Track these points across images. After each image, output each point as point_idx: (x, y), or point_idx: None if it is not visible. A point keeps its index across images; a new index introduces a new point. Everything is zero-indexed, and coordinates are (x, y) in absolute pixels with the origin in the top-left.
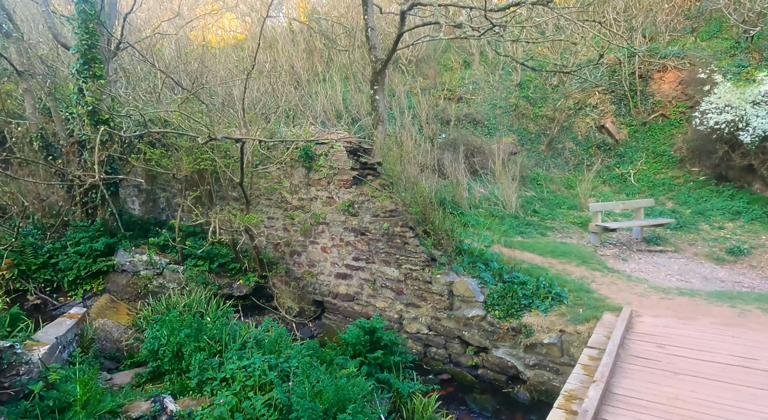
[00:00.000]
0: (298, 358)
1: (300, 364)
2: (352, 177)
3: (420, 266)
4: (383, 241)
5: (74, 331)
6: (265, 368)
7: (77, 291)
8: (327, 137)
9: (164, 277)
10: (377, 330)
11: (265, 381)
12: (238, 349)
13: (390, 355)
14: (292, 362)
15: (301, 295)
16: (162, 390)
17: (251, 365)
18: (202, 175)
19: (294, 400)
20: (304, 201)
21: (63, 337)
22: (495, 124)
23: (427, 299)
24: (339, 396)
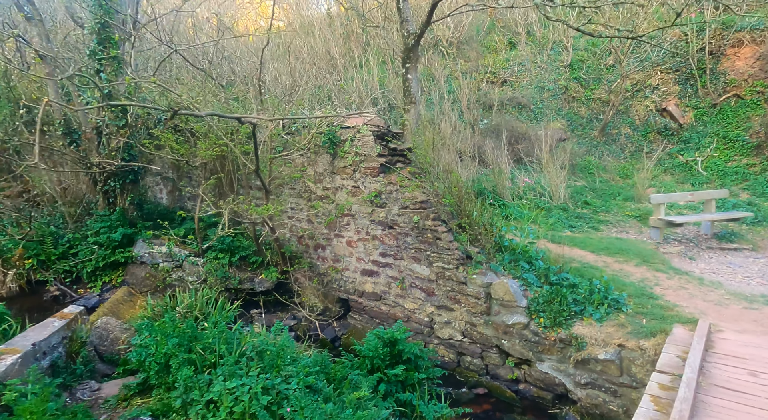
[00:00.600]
0: (299, 377)
1: (299, 389)
2: (379, 164)
3: (453, 265)
4: (413, 235)
5: (62, 333)
6: (257, 391)
7: (96, 282)
8: (352, 121)
9: (184, 270)
10: (399, 341)
11: (256, 408)
12: (234, 363)
13: (414, 371)
14: (291, 383)
15: (325, 292)
16: (148, 407)
17: (240, 388)
18: (222, 162)
19: None
20: (329, 190)
21: (44, 342)
22: (542, 108)
23: (462, 302)
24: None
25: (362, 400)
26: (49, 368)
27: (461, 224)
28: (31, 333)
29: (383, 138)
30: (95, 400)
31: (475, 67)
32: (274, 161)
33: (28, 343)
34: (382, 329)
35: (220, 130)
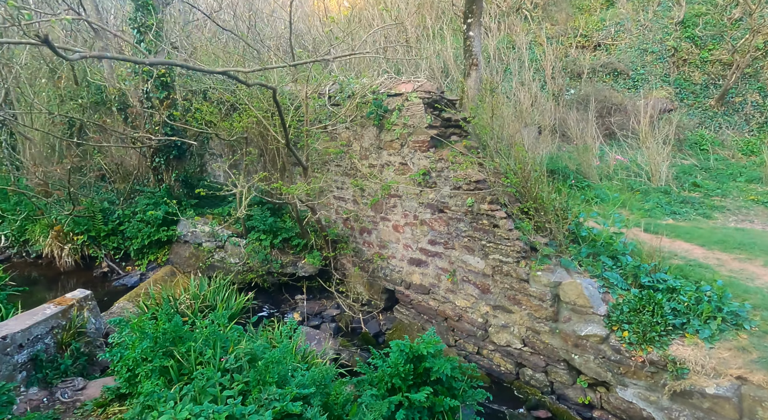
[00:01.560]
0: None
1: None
2: (429, 137)
3: (513, 258)
4: (466, 221)
5: (51, 322)
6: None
7: (143, 260)
8: (401, 87)
9: (226, 251)
10: (425, 358)
11: None
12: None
13: (445, 397)
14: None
15: (371, 281)
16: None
17: (202, 414)
18: (264, 137)
19: None
20: (375, 168)
21: (21, 334)
22: (643, 74)
23: (522, 303)
24: None
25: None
26: (27, 363)
27: (526, 209)
28: (12, 322)
29: (435, 106)
30: (73, 403)
31: (563, 30)
32: (314, 135)
33: (0, 333)
34: (401, 342)
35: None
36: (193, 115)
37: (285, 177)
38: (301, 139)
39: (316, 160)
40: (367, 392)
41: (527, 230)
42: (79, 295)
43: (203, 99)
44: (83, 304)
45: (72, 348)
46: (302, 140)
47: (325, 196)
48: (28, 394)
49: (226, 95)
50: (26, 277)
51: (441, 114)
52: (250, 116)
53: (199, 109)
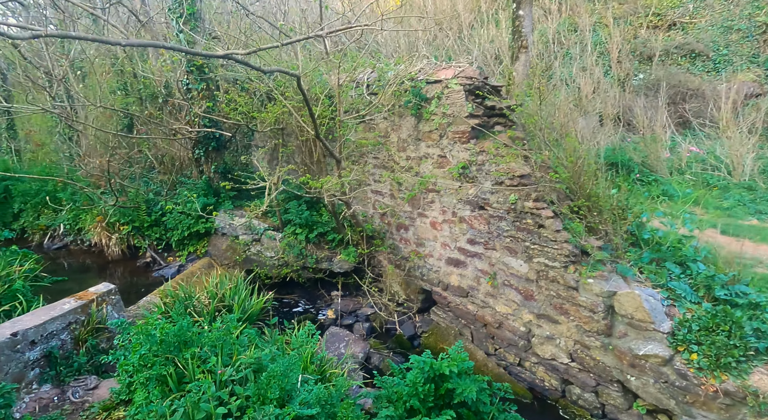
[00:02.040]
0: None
1: None
2: (470, 128)
3: (561, 262)
4: (508, 220)
5: (69, 318)
6: None
7: (183, 252)
8: (440, 74)
9: (262, 244)
10: (448, 377)
11: None
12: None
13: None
14: None
15: (408, 280)
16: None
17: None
18: (300, 128)
19: None
20: (412, 160)
21: (34, 330)
22: (726, 55)
23: (570, 313)
24: None
25: None
26: (40, 360)
27: (576, 207)
28: (28, 317)
29: (477, 94)
30: (82, 404)
31: (632, 9)
32: (347, 126)
33: (11, 330)
34: (423, 357)
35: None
36: (230, 106)
37: (321, 169)
38: (336, 130)
39: (354, 152)
40: (382, 412)
41: (578, 232)
42: (102, 289)
43: (241, 90)
44: (105, 298)
45: (87, 345)
46: (337, 131)
47: (362, 189)
48: (40, 392)
49: (260, 85)
50: (81, 264)
51: (484, 102)
52: (281, 107)
53: (234, 100)
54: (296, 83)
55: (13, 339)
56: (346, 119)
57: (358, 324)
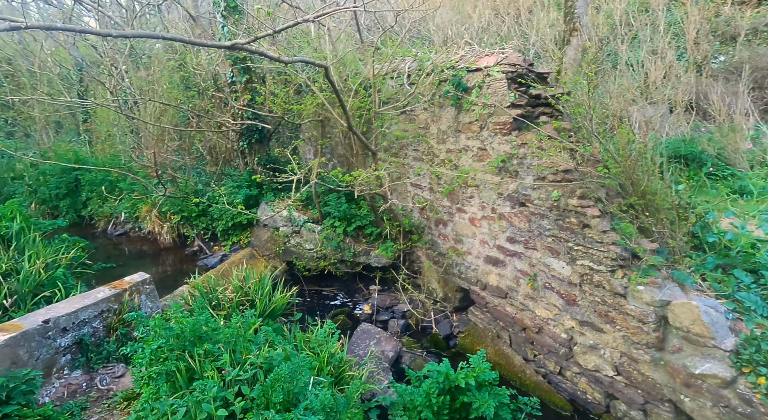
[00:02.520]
0: None
1: None
2: (511, 118)
3: (607, 266)
4: (550, 218)
5: (102, 306)
6: None
7: (227, 242)
8: (482, 61)
9: (301, 236)
10: (464, 390)
11: None
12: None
13: None
14: None
15: (445, 277)
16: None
17: None
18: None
19: None
20: (452, 153)
21: (66, 317)
22: None
23: (616, 322)
24: None
25: None
26: (72, 346)
27: (629, 206)
28: (62, 305)
29: (521, 81)
30: (107, 391)
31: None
32: (383, 118)
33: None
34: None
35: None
36: (270, 99)
37: (361, 162)
38: (377, 121)
39: (394, 145)
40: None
41: (628, 233)
42: (137, 278)
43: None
44: (140, 288)
45: (118, 333)
46: (373, 123)
47: (401, 183)
48: (70, 377)
49: (296, 77)
50: (138, 250)
51: (528, 91)
52: (314, 99)
53: (273, 92)
54: (324, 74)
55: (45, 326)
56: (381, 111)
57: (393, 320)
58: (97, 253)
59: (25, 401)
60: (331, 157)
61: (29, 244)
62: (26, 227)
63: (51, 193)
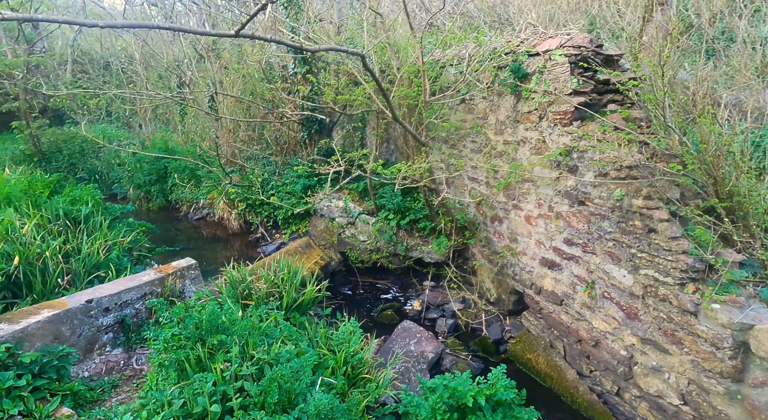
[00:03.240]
0: None
1: None
2: (573, 107)
3: (675, 278)
4: (612, 219)
5: (146, 288)
6: None
7: (288, 230)
8: (544, 44)
9: (356, 228)
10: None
11: None
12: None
13: None
14: None
15: (500, 277)
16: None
17: None
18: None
19: None
20: (509, 145)
21: (108, 298)
22: None
23: (684, 344)
24: None
25: None
26: (114, 326)
27: (710, 209)
28: (108, 286)
29: (585, 66)
30: (140, 370)
31: None
32: (435, 108)
33: (77, 299)
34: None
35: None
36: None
37: (416, 153)
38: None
39: (453, 136)
40: None
41: (703, 241)
42: (183, 264)
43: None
44: (184, 273)
45: (158, 315)
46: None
47: (458, 176)
48: (111, 355)
49: (345, 66)
50: (212, 235)
51: (595, 75)
52: (365, 89)
53: (328, 83)
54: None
55: (87, 305)
56: (431, 101)
57: (441, 320)
58: (179, 234)
59: (57, 376)
60: (395, 150)
61: (96, 227)
62: (96, 211)
63: (144, 178)
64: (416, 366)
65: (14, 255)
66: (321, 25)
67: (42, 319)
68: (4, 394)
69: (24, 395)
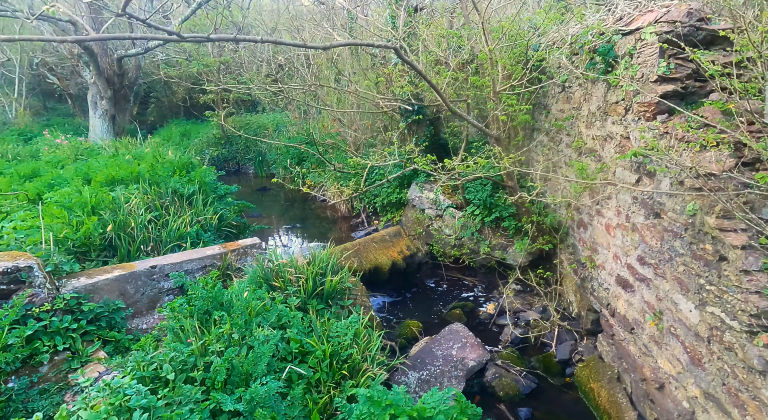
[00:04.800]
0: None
1: None
2: (659, 96)
3: (743, 324)
4: (685, 239)
5: (206, 261)
6: None
7: (384, 217)
8: (638, 20)
9: (443, 221)
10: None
11: None
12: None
13: None
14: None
15: (582, 291)
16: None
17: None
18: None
19: None
20: (597, 140)
21: (170, 265)
22: None
23: (747, 409)
24: None
25: None
26: (174, 290)
27: None
28: (176, 256)
29: (682, 46)
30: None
31: None
32: (502, 97)
33: (151, 264)
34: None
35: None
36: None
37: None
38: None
39: (552, 129)
40: None
41: None
42: (248, 242)
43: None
44: (247, 250)
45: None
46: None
47: (554, 173)
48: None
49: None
50: (327, 216)
51: (691, 57)
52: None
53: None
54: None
55: (151, 270)
56: (501, 90)
57: (507, 328)
58: (299, 213)
59: (107, 325)
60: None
61: (197, 203)
62: (199, 190)
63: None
64: (452, 372)
65: (109, 223)
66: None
67: (111, 277)
68: (62, 333)
69: (74, 336)
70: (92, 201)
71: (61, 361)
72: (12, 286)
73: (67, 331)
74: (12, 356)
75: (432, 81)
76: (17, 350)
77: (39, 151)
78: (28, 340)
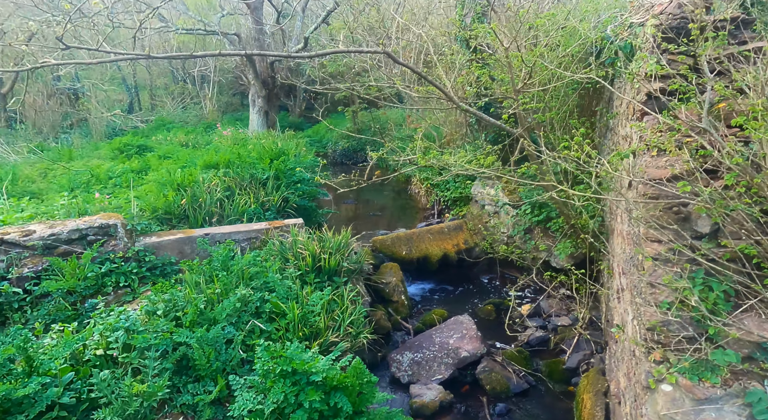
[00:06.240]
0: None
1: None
2: (645, 94)
3: (641, 337)
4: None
5: (251, 234)
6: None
7: (453, 211)
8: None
9: (499, 218)
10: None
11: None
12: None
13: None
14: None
15: (607, 299)
16: None
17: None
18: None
19: None
20: (618, 140)
21: (221, 235)
22: None
23: None
24: None
25: None
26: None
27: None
28: (227, 227)
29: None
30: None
31: None
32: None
33: (205, 232)
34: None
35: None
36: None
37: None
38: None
39: (601, 127)
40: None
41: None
42: (292, 222)
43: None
44: (290, 229)
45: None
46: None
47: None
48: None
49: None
50: (406, 206)
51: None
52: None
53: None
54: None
55: (204, 237)
56: (521, 89)
57: (530, 330)
58: (386, 202)
59: (161, 273)
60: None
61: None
62: (273, 176)
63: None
64: (444, 359)
65: (184, 197)
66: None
67: (173, 238)
68: (126, 274)
69: (134, 278)
70: (179, 180)
71: (121, 294)
72: (103, 236)
73: (130, 273)
74: (89, 285)
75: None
76: (92, 281)
77: (211, 140)
78: (103, 276)
